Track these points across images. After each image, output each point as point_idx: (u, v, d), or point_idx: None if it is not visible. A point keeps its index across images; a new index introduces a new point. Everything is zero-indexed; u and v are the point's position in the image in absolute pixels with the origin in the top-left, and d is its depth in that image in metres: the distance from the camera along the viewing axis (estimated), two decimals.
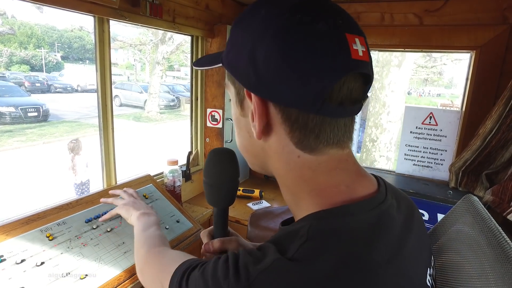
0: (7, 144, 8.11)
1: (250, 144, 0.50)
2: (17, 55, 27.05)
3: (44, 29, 36.55)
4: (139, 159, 6.69)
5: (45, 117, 10.90)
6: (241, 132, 0.52)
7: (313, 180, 0.45)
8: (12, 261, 0.85)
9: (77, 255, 0.97)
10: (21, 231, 0.93)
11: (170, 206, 1.32)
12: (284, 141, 0.45)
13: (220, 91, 1.69)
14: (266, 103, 0.44)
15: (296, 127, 0.43)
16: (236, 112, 0.51)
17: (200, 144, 1.79)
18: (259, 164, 0.53)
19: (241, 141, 0.53)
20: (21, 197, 5.03)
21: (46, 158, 7.07)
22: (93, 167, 4.84)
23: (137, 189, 1.30)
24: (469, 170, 1.50)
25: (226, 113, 1.71)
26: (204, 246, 0.73)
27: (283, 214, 1.56)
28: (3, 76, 17.63)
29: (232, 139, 1.78)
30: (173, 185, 1.45)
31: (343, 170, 0.46)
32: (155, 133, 10.11)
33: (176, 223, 1.26)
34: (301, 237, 0.40)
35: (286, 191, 0.49)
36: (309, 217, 0.43)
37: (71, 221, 1.05)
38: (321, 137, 0.43)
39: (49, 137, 9.00)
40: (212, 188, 0.68)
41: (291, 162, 0.46)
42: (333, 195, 0.44)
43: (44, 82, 18.62)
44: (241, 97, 0.48)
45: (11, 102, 10.38)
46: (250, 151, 0.52)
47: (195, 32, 1.59)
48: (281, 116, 0.44)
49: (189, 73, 6.47)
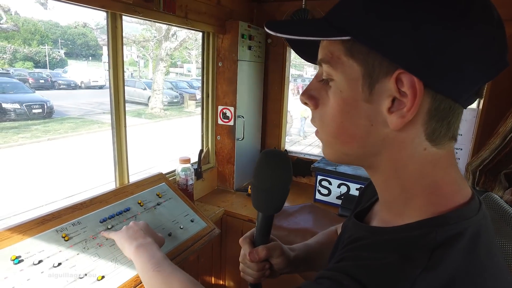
0: (12, 140, 8.14)
1: (366, 133, 0.43)
2: (21, 52, 27.11)
3: (48, 25, 36.56)
4: (146, 156, 6.69)
5: (49, 114, 10.92)
6: (353, 119, 0.43)
7: (431, 176, 0.43)
8: (29, 261, 0.83)
9: (93, 255, 0.95)
10: (36, 232, 0.92)
11: (184, 205, 1.30)
12: (417, 132, 0.41)
13: (232, 88, 1.67)
14: (424, 89, 0.38)
15: (435, 117, 0.40)
16: (352, 96, 0.43)
17: (211, 142, 1.77)
18: (359, 156, 0.46)
19: (347, 129, 0.44)
20: (27, 193, 5.05)
21: (51, 155, 7.08)
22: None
23: (149, 188, 1.29)
24: (487, 169, 1.47)
25: (238, 111, 1.69)
26: (249, 256, 0.69)
27: (296, 213, 1.54)
28: (8, 73, 17.66)
29: (244, 137, 1.75)
30: (186, 183, 1.44)
31: (455, 166, 0.44)
32: (160, 130, 10.11)
33: (190, 223, 1.24)
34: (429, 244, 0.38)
35: (395, 185, 0.45)
36: (431, 221, 0.41)
37: (85, 221, 1.04)
38: (451, 129, 0.42)
39: (53, 133, 9.01)
40: (264, 193, 0.63)
41: (415, 155, 0.42)
42: (449, 195, 0.42)
43: (48, 79, 18.68)
44: (374, 79, 0.41)
45: (16, 98, 10.40)
46: (360, 141, 0.44)
47: (207, 28, 1.56)
48: (431, 104, 0.39)
49: (192, 69, 6.42)
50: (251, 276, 0.73)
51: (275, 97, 1.94)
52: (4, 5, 9.79)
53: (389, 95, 0.40)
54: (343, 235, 0.58)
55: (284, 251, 0.73)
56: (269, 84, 1.94)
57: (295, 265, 0.76)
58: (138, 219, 1.14)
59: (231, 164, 1.76)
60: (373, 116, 0.42)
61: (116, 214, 1.11)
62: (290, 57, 1.93)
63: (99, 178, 5.75)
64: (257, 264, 0.71)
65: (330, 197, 1.67)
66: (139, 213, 1.17)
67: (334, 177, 1.64)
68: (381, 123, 0.42)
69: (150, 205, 1.22)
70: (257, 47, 1.78)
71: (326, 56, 0.44)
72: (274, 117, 1.97)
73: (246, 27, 1.65)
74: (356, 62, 0.41)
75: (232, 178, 1.77)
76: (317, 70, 0.49)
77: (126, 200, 1.18)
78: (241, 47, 1.63)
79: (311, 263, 0.81)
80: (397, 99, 0.40)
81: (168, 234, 1.14)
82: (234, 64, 1.64)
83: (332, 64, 0.43)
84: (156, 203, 1.24)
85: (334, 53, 0.43)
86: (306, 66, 26.77)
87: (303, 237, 1.26)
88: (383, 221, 0.49)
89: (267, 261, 0.72)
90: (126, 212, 1.14)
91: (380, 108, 0.41)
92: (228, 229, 1.60)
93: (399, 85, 0.39)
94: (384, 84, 0.40)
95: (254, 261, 0.70)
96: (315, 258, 0.81)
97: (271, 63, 1.90)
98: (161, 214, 1.21)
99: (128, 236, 0.93)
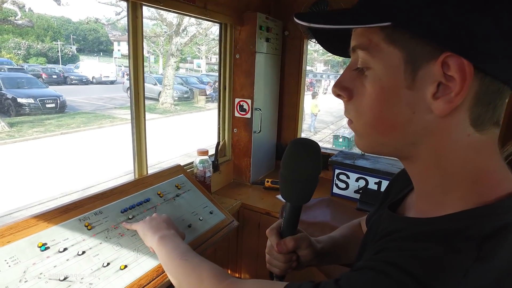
0: (27, 134, 8.29)
1: (407, 121, 0.42)
2: (35, 48, 27.56)
3: (60, 21, 37.01)
4: (160, 150, 6.74)
5: (62, 109, 11.10)
6: (393, 108, 0.42)
7: (475, 164, 0.41)
8: (55, 249, 0.84)
9: (116, 245, 0.95)
10: (60, 220, 0.92)
11: (203, 197, 1.30)
12: (462, 117, 0.39)
13: (249, 81, 1.65)
14: (473, 73, 0.37)
15: (482, 101, 0.38)
16: (392, 84, 0.41)
17: (227, 135, 1.76)
18: (397, 146, 0.45)
19: (387, 119, 0.43)
20: (42, 185, 5.14)
21: (65, 149, 7.20)
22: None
23: (168, 179, 1.29)
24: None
25: (255, 103, 1.67)
26: (277, 247, 0.68)
27: (314, 207, 1.53)
28: (22, 69, 18.00)
29: (261, 130, 1.74)
30: (204, 175, 1.43)
31: (498, 154, 0.42)
32: (171, 125, 10.17)
33: (209, 214, 1.24)
34: (476, 235, 0.37)
35: (435, 175, 0.43)
36: (476, 212, 0.39)
37: (107, 210, 1.04)
38: (496, 114, 0.40)
39: (66, 128, 9.15)
40: (295, 183, 0.61)
41: (458, 142, 0.40)
42: (494, 184, 0.40)
43: (60, 74, 18.98)
44: (417, 65, 0.39)
45: (31, 93, 10.60)
46: (400, 130, 0.43)
47: (225, 19, 1.54)
48: (479, 88, 0.38)
49: (201, 65, 6.42)
50: (277, 267, 0.72)
51: (291, 90, 1.92)
52: (19, 1, 9.92)
53: (434, 80, 0.38)
54: (375, 228, 0.56)
55: (311, 242, 0.72)
56: (286, 77, 1.91)
57: (321, 257, 0.75)
58: (158, 209, 1.14)
59: (247, 157, 1.75)
60: (416, 103, 0.40)
61: (137, 205, 1.11)
62: (307, 50, 1.90)
63: (113, 171, 5.82)
64: (284, 256, 0.70)
65: (348, 191, 1.64)
66: (159, 204, 1.17)
67: (352, 171, 1.62)
68: (424, 110, 0.40)
69: (169, 196, 1.21)
70: (275, 39, 1.76)
71: (363, 43, 0.42)
72: (290, 111, 1.95)
73: (264, 19, 1.63)
74: (397, 48, 0.40)
75: (249, 171, 1.76)
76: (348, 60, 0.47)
77: (145, 191, 1.18)
78: (259, 39, 1.61)
79: (336, 256, 0.80)
80: (442, 84, 0.38)
81: (188, 226, 1.14)
82: (252, 56, 1.62)
83: (371, 51, 0.42)
84: (175, 195, 1.23)
85: (372, 40, 0.41)
86: (317, 62, 26.58)
87: (322, 231, 1.24)
88: (421, 212, 0.47)
89: (294, 253, 0.71)
90: (146, 202, 1.14)
91: (424, 95, 0.39)
92: (245, 222, 1.59)
93: (445, 69, 0.37)
94: (428, 69, 0.38)
95: (282, 252, 0.69)
96: (340, 251, 0.80)
97: (288, 56, 1.88)
98: (181, 205, 1.21)
99: (151, 226, 0.93)
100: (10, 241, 0.80)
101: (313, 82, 19.90)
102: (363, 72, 0.44)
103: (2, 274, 0.75)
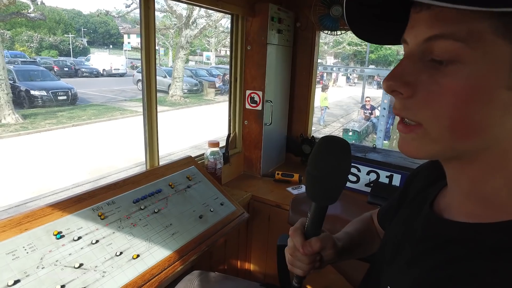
0: (40, 126, 8.44)
1: (493, 124, 0.37)
2: (47, 41, 27.88)
3: (71, 14, 37.28)
4: (170, 142, 6.80)
5: (73, 101, 11.25)
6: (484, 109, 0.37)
7: None
8: (70, 237, 0.85)
9: (128, 234, 0.97)
10: (74, 209, 0.94)
11: (214, 189, 1.30)
12: None
13: (260, 72, 1.64)
14: None
15: None
16: (491, 82, 0.36)
17: (238, 127, 1.76)
18: (467, 150, 0.41)
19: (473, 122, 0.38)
20: (56, 175, 5.25)
21: (76, 140, 7.31)
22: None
23: (179, 170, 1.29)
24: None
25: (266, 95, 1.66)
26: (303, 249, 0.64)
27: None
28: (35, 61, 18.24)
29: (272, 122, 1.73)
30: (214, 167, 1.44)
31: None
32: (181, 117, 10.22)
33: (220, 206, 1.24)
34: None
35: (502, 176, 0.41)
36: None
37: (119, 201, 1.05)
38: None
39: (77, 120, 9.27)
40: (324, 182, 0.58)
41: None
42: None
43: (71, 67, 19.19)
44: None
45: (43, 85, 10.76)
46: (483, 134, 0.38)
47: (237, 10, 1.53)
48: None
49: (211, 57, 6.41)
50: (300, 269, 0.69)
51: (303, 83, 1.90)
52: None
53: None
54: (414, 228, 0.52)
55: (335, 242, 0.70)
56: (297, 69, 1.89)
57: (340, 254, 0.73)
58: (169, 200, 1.15)
59: (258, 149, 1.74)
60: (510, 104, 0.36)
61: (148, 195, 1.12)
62: (319, 41, 1.87)
63: (123, 162, 5.90)
64: (308, 257, 0.67)
65: (359, 184, 1.63)
66: (170, 195, 1.17)
67: (363, 164, 1.60)
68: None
69: (181, 188, 1.22)
70: (286, 30, 1.73)
71: (458, 32, 0.35)
72: (301, 103, 1.93)
73: (275, 10, 1.61)
74: (510, 42, 0.34)
75: (259, 163, 1.76)
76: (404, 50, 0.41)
77: (157, 182, 1.19)
78: (270, 30, 1.59)
79: (352, 252, 0.78)
80: None
81: (199, 217, 1.15)
82: (263, 48, 1.61)
83: (469, 42, 0.35)
84: (186, 186, 1.24)
85: (475, 30, 0.34)
86: (327, 54, 26.24)
87: (332, 224, 1.23)
88: (474, 215, 0.43)
89: (318, 253, 0.68)
90: (158, 193, 1.15)
91: None
92: (255, 214, 1.59)
93: None
94: None
95: (308, 254, 0.65)
96: (356, 247, 0.78)
97: (299, 48, 1.85)
98: (192, 196, 1.22)
99: None
100: (28, 229, 0.82)
101: (323, 74, 19.68)
102: (440, 65, 0.38)
103: (21, 260, 0.76)
